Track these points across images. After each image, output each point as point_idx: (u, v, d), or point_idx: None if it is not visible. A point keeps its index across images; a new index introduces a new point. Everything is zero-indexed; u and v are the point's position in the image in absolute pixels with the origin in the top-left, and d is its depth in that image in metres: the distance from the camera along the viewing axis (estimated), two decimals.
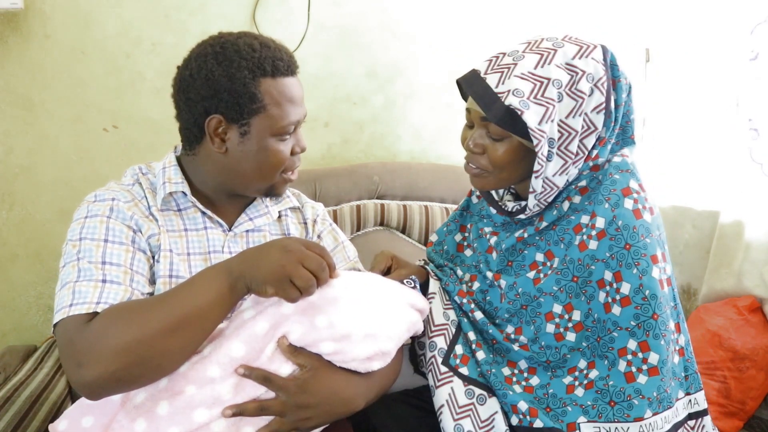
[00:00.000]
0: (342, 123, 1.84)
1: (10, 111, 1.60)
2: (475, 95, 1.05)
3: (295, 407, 0.94)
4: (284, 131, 1.03)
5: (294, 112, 1.04)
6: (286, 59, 1.04)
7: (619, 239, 1.02)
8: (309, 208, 1.22)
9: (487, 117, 1.03)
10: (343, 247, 1.21)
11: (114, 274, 0.95)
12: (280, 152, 1.04)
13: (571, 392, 1.04)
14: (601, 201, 1.04)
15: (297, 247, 0.90)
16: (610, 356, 1.02)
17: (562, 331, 1.06)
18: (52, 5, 1.57)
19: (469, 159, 1.12)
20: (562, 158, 1.03)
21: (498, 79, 1.03)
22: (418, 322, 1.10)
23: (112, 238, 0.98)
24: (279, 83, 1.02)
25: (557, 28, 1.87)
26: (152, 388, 0.92)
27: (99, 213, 1.01)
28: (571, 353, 1.06)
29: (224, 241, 1.09)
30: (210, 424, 0.91)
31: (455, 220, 1.31)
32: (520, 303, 1.10)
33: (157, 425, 0.90)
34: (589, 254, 1.04)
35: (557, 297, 1.07)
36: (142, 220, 1.03)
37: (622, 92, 1.06)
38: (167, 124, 1.71)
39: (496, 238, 1.17)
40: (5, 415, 1.23)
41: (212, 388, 0.91)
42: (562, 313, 1.06)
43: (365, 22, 1.78)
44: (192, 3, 1.66)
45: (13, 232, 1.66)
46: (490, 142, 1.07)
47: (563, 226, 1.08)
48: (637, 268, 1.00)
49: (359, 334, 0.97)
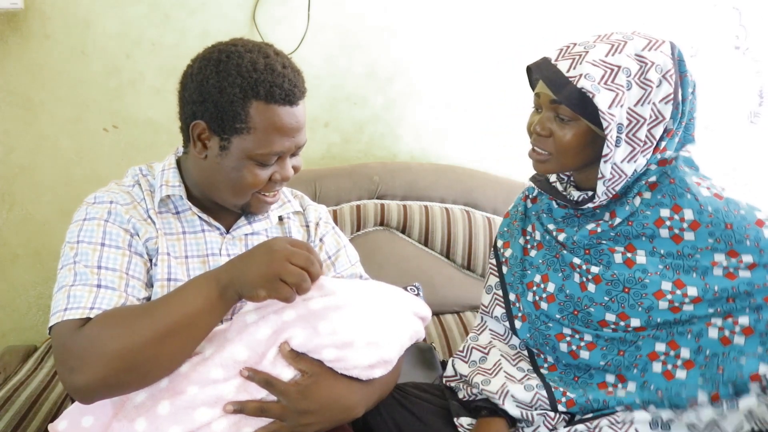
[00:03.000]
0: (342, 123, 1.84)
1: (10, 111, 1.60)
2: (547, 79, 1.06)
3: (295, 412, 0.94)
4: (263, 158, 0.99)
5: (280, 142, 0.99)
6: (287, 88, 0.98)
7: (716, 223, 1.03)
8: (312, 211, 1.21)
9: (558, 99, 1.05)
10: (345, 251, 1.20)
11: (109, 279, 0.95)
12: (255, 176, 1.00)
13: (671, 378, 1.03)
14: (682, 194, 1.06)
15: (282, 246, 0.90)
16: (753, 306, 1.01)
17: (678, 305, 1.05)
18: (52, 5, 1.57)
19: (536, 143, 1.12)
20: (630, 145, 1.05)
21: (569, 65, 1.05)
22: (421, 330, 1.10)
23: (109, 242, 0.98)
24: (270, 110, 0.97)
25: (557, 28, 1.87)
26: (153, 388, 0.93)
27: (97, 216, 1.01)
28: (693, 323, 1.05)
29: (222, 244, 1.09)
30: (211, 424, 0.91)
31: (513, 223, 1.29)
32: (621, 286, 1.09)
33: (158, 425, 0.90)
34: (688, 245, 1.05)
35: (664, 275, 1.06)
36: (139, 223, 1.02)
37: (688, 87, 1.08)
38: (167, 124, 1.71)
39: (564, 234, 1.16)
40: (5, 415, 1.23)
41: (215, 388, 0.92)
42: (673, 290, 1.05)
43: (365, 22, 1.78)
44: (192, 3, 1.66)
45: (13, 232, 1.66)
46: (557, 125, 1.08)
47: (639, 221, 1.09)
48: (748, 240, 1.01)
49: (362, 341, 0.97)
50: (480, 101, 1.89)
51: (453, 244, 1.72)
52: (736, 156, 2.05)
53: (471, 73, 1.87)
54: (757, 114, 2.03)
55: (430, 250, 1.72)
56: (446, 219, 1.72)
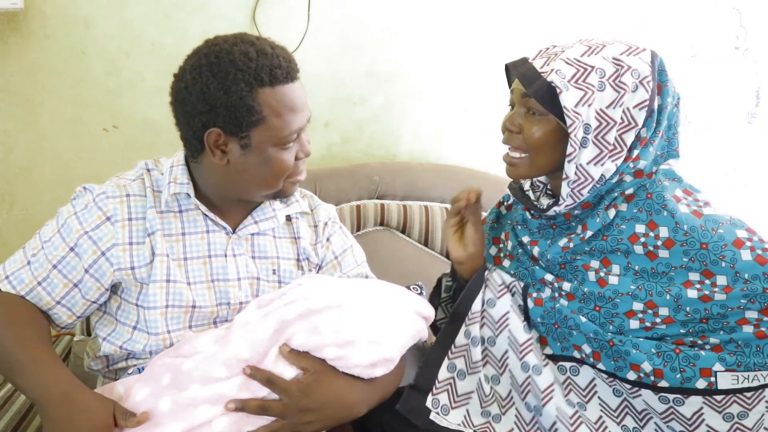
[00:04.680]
0: (342, 123, 1.84)
1: (10, 111, 1.60)
2: (519, 74, 1.06)
3: (297, 410, 0.94)
4: (286, 141, 1.01)
5: (295, 120, 1.01)
6: (285, 65, 0.99)
7: (692, 242, 1.01)
8: (321, 211, 1.21)
9: (528, 93, 1.04)
10: (352, 251, 1.20)
11: (55, 282, 1.02)
12: (283, 161, 1.02)
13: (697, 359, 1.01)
14: (659, 210, 1.04)
15: None
16: (726, 329, 0.99)
17: (649, 325, 1.03)
18: (52, 5, 1.57)
19: (507, 140, 1.11)
20: (598, 147, 1.03)
21: (544, 62, 1.06)
22: (423, 330, 1.10)
23: (77, 250, 1.02)
24: (278, 92, 0.98)
25: (557, 28, 1.87)
26: (154, 385, 0.93)
27: (83, 222, 1.03)
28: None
29: (227, 244, 1.08)
30: (212, 422, 0.91)
31: (486, 234, 1.27)
32: (593, 303, 1.07)
33: (158, 420, 0.90)
34: (662, 262, 1.03)
35: (636, 296, 1.04)
36: (126, 233, 1.04)
37: (668, 97, 1.06)
38: (167, 124, 1.70)
39: (537, 249, 1.14)
40: (5, 415, 1.23)
41: (217, 386, 0.92)
42: (645, 309, 1.03)
43: (365, 22, 1.78)
44: (192, 3, 1.66)
45: (13, 232, 1.66)
46: (527, 121, 1.07)
47: (614, 236, 1.06)
48: (724, 261, 0.99)
49: (363, 340, 0.97)
50: (480, 101, 1.89)
51: None
52: (735, 156, 2.05)
53: (471, 73, 1.87)
54: (754, 114, 2.03)
55: (430, 250, 1.72)
56: None
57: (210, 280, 1.07)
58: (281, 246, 1.14)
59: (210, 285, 1.07)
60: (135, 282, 1.04)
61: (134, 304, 1.04)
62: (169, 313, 1.04)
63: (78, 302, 1.03)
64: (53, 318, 1.04)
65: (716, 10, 1.97)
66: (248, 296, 1.08)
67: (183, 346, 0.99)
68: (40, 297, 1.02)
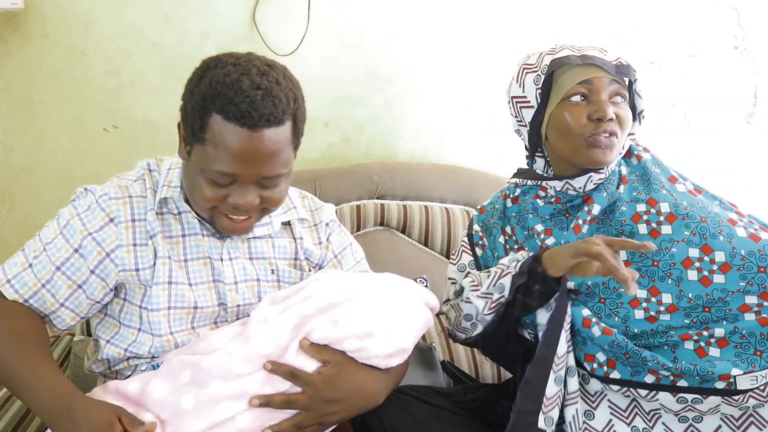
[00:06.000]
0: (342, 123, 1.84)
1: (10, 111, 1.60)
2: (616, 66, 1.11)
3: (322, 402, 0.96)
4: (213, 176, 0.96)
5: (232, 165, 0.94)
6: (244, 108, 0.91)
7: (692, 215, 1.06)
8: (323, 212, 1.20)
9: (630, 80, 1.13)
10: (351, 249, 1.21)
11: (59, 284, 1.01)
12: (203, 190, 0.97)
13: (704, 356, 1.01)
14: (657, 189, 1.10)
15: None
16: (729, 317, 1.01)
17: (653, 314, 1.04)
18: (52, 5, 1.57)
19: (608, 128, 1.09)
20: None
21: (613, 56, 1.13)
22: (431, 319, 1.12)
23: (81, 251, 1.02)
24: (227, 128, 0.92)
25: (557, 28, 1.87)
26: (173, 382, 0.94)
27: (87, 224, 1.03)
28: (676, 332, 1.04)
29: (222, 248, 1.08)
30: (235, 418, 0.92)
31: (489, 219, 1.26)
32: (597, 297, 1.08)
33: (181, 418, 0.91)
34: (665, 238, 1.06)
35: (639, 282, 1.05)
36: (130, 234, 1.04)
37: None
38: (167, 124, 1.71)
39: (553, 238, 1.14)
40: (5, 415, 1.23)
41: (239, 382, 0.94)
42: (648, 297, 1.05)
43: (365, 22, 1.78)
44: (192, 3, 1.66)
45: (13, 232, 1.66)
46: (618, 107, 1.12)
47: (618, 219, 1.10)
48: (721, 235, 1.03)
49: (381, 331, 1.00)
50: (480, 101, 1.89)
51: (453, 244, 1.72)
52: (735, 156, 2.05)
53: (471, 73, 1.87)
54: (752, 114, 2.04)
55: (430, 250, 1.73)
56: (446, 219, 1.72)
57: (211, 280, 1.07)
58: (278, 246, 1.14)
59: (211, 285, 1.07)
60: (138, 283, 1.04)
61: (138, 306, 1.05)
62: (172, 315, 1.04)
63: (83, 303, 1.03)
64: (55, 321, 1.04)
65: (715, 10, 1.98)
66: (246, 299, 1.08)
67: (199, 343, 1.00)
68: (44, 299, 1.01)
